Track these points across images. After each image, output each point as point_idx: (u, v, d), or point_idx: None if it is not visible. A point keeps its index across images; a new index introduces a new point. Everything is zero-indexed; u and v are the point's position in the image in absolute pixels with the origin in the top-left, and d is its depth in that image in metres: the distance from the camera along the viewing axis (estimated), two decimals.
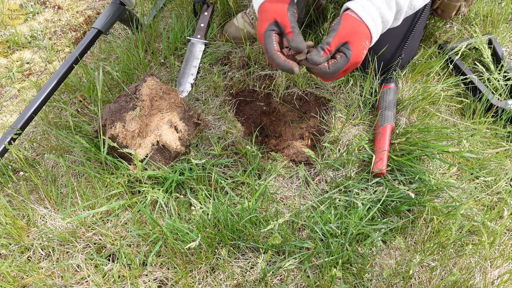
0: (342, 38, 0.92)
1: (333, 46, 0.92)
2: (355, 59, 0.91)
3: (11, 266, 1.00)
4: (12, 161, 1.26)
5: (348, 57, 0.91)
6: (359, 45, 0.91)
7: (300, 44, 0.92)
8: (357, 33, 0.92)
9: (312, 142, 1.30)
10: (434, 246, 1.02)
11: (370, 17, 0.93)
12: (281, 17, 0.94)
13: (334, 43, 0.91)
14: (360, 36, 0.92)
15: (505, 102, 1.29)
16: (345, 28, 0.92)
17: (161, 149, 1.15)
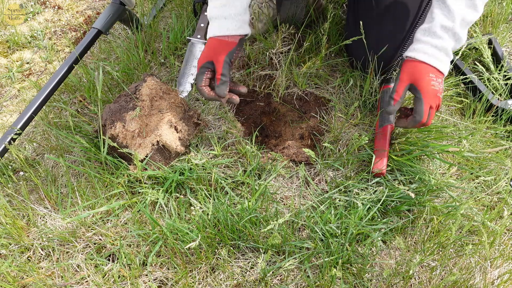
0: (405, 82, 1.01)
1: (400, 91, 1.02)
2: (427, 94, 0.99)
3: (11, 266, 1.00)
4: (12, 161, 1.26)
5: (420, 97, 0.99)
6: (425, 81, 0.99)
7: (222, 92, 1.07)
8: (417, 71, 1.00)
9: (312, 142, 1.30)
10: (434, 246, 1.02)
11: (423, 53, 1.00)
12: (217, 63, 1.06)
13: (400, 88, 1.01)
14: (422, 73, 1.00)
15: (505, 102, 1.29)
16: (405, 72, 1.02)
17: (161, 149, 1.15)
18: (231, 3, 1.06)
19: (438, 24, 0.99)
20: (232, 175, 1.17)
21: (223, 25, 1.07)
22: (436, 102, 1.02)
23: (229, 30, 1.06)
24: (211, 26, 1.09)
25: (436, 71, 1.00)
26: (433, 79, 1.00)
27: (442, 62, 1.00)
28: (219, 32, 1.07)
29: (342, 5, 1.58)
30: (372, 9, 1.27)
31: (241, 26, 1.07)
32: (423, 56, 1.00)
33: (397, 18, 1.26)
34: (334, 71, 1.46)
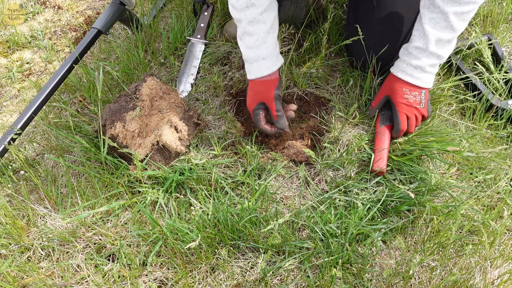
0: (383, 93, 1.19)
1: (377, 99, 1.21)
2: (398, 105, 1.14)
3: (11, 266, 1.00)
4: (12, 161, 1.26)
5: (394, 108, 1.16)
6: (397, 94, 1.14)
7: (283, 125, 1.18)
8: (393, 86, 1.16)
9: (312, 142, 1.30)
10: (434, 246, 1.02)
11: (400, 71, 1.14)
12: (268, 102, 1.15)
13: (378, 97, 1.21)
14: (396, 87, 1.15)
15: (505, 102, 1.29)
16: (384, 85, 1.19)
17: (161, 149, 1.15)
18: (264, 41, 1.09)
19: (413, 45, 1.10)
20: (232, 175, 1.17)
21: (263, 66, 1.11)
22: (413, 112, 1.14)
23: (269, 69, 1.12)
24: (251, 68, 1.13)
25: (410, 85, 1.13)
26: (407, 93, 1.13)
27: (418, 78, 1.12)
28: (261, 74, 1.12)
29: (342, 5, 1.58)
30: (373, 9, 1.27)
31: (277, 59, 1.15)
32: (399, 73, 1.14)
33: (398, 18, 1.26)
34: (334, 71, 1.46)
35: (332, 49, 1.44)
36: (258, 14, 1.05)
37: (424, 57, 1.09)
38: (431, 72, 1.12)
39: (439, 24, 1.05)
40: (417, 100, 1.13)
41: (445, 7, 1.03)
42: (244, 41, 1.10)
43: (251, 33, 1.08)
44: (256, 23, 1.07)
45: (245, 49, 1.11)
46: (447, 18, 1.03)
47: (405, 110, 1.14)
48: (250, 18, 1.06)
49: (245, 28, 1.08)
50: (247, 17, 1.06)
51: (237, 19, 1.09)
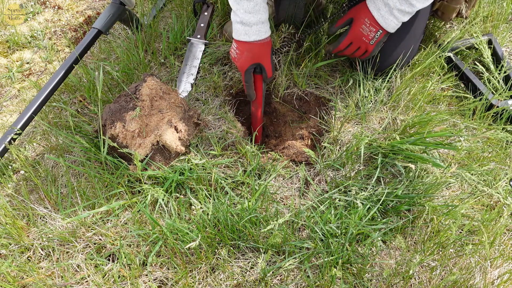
0: (349, 15, 1.23)
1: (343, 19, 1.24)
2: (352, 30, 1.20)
3: (11, 266, 1.00)
4: (12, 161, 1.26)
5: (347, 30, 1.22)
6: (358, 21, 1.19)
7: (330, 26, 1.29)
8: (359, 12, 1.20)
9: (312, 142, 1.30)
10: (434, 246, 1.02)
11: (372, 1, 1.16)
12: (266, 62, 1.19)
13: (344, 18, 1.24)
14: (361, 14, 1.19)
15: (505, 102, 1.29)
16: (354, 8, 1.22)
17: (161, 149, 1.15)
18: (263, 6, 1.13)
19: None
20: (232, 175, 1.17)
21: (262, 29, 1.15)
22: (359, 44, 1.22)
23: (266, 32, 1.17)
24: (249, 31, 1.14)
25: (373, 20, 1.17)
26: (366, 24, 1.18)
27: (382, 16, 1.15)
28: (260, 37, 1.15)
29: (342, 5, 1.58)
30: None
31: (269, 27, 1.20)
32: (370, 3, 1.17)
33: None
34: (334, 71, 1.46)
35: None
36: None
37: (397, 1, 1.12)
38: (397, 18, 1.15)
39: None
40: (370, 35, 1.19)
41: None
42: (243, 5, 1.11)
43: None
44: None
45: (243, 14, 1.12)
46: None
47: (353, 37, 1.21)
48: None
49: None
50: None
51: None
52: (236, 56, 1.20)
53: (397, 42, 1.28)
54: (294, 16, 1.46)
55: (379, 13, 1.15)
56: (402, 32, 1.27)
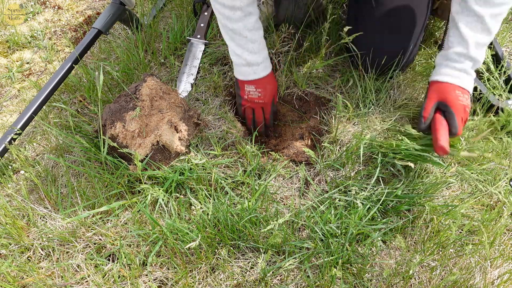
0: (433, 100, 1.10)
1: (428, 108, 1.10)
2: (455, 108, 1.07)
3: (11, 266, 1.00)
4: (12, 161, 1.26)
5: (451, 111, 1.07)
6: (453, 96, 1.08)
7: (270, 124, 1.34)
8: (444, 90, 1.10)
9: (312, 142, 1.30)
10: (434, 246, 1.02)
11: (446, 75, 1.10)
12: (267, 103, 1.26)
13: (428, 106, 1.10)
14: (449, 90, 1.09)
15: (505, 102, 1.29)
16: (432, 92, 1.11)
17: (161, 149, 1.15)
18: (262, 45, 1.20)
19: (453, 51, 1.09)
20: (232, 175, 1.17)
21: (267, 64, 1.23)
22: (465, 116, 1.10)
23: (270, 65, 1.26)
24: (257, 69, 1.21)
25: (460, 88, 1.09)
26: (460, 95, 1.08)
27: (464, 80, 1.09)
28: (267, 72, 1.23)
29: (342, 5, 1.58)
30: (372, 8, 1.27)
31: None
32: (446, 78, 1.10)
33: (397, 17, 1.26)
34: (334, 71, 1.46)
35: (332, 49, 1.44)
36: (255, 22, 1.14)
37: (466, 60, 1.08)
38: (472, 76, 1.11)
39: (476, 27, 1.06)
40: (468, 103, 1.10)
41: (480, 10, 1.04)
42: (247, 48, 1.17)
43: (253, 40, 1.15)
44: (256, 30, 1.15)
45: (248, 55, 1.18)
46: (484, 21, 1.04)
47: (461, 113, 1.08)
48: (250, 27, 1.13)
49: (247, 37, 1.15)
50: (247, 25, 1.12)
51: (234, 30, 1.13)
52: (260, 95, 1.24)
53: (397, 41, 1.28)
54: (293, 16, 1.46)
55: (461, 80, 1.10)
56: (402, 31, 1.27)
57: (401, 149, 1.12)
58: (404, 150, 1.12)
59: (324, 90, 1.39)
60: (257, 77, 1.22)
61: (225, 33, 1.18)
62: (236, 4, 1.08)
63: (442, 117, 1.10)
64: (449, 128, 1.07)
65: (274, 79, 1.27)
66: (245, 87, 1.24)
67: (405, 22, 1.26)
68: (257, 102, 1.26)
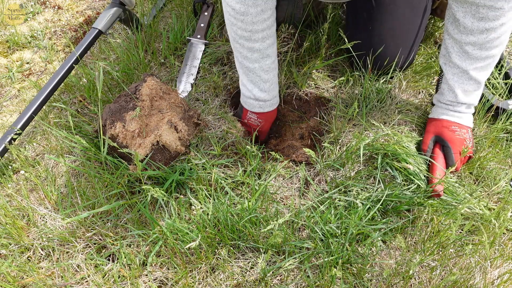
0: (431, 134, 1.15)
1: (426, 141, 1.15)
2: (452, 141, 1.12)
3: (11, 266, 1.00)
4: (12, 161, 1.26)
5: (447, 145, 1.12)
6: (448, 131, 1.13)
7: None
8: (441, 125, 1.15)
9: (312, 142, 1.30)
10: (434, 246, 1.02)
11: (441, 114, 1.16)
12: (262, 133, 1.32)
13: (427, 138, 1.16)
14: (444, 126, 1.14)
15: (505, 102, 1.29)
16: (430, 126, 1.17)
17: (161, 149, 1.15)
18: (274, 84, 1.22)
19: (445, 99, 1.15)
20: (232, 175, 1.17)
21: (274, 102, 1.26)
22: (462, 144, 1.13)
23: (278, 102, 1.29)
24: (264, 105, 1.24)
25: (457, 124, 1.14)
26: (457, 130, 1.13)
27: (460, 118, 1.14)
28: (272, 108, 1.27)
29: (342, 5, 1.58)
30: (372, 8, 1.27)
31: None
32: (443, 116, 1.15)
33: (397, 17, 1.26)
34: (334, 71, 1.46)
35: (332, 49, 1.44)
36: (272, 63, 1.16)
37: (459, 105, 1.14)
38: (469, 113, 1.15)
39: (462, 79, 1.08)
40: (467, 137, 1.13)
41: (463, 65, 1.05)
42: (258, 85, 1.19)
43: (266, 80, 1.18)
44: (271, 71, 1.17)
45: (258, 92, 1.20)
46: (468, 73, 1.06)
47: (459, 147, 1.12)
48: (266, 68, 1.16)
49: (261, 76, 1.17)
50: (263, 67, 1.15)
51: (249, 68, 1.15)
52: (260, 124, 1.28)
53: (398, 41, 1.28)
54: (292, 15, 1.46)
55: (457, 118, 1.14)
56: (403, 31, 1.27)
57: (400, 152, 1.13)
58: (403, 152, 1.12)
59: (324, 90, 1.39)
60: (262, 111, 1.25)
61: (240, 68, 1.19)
62: (255, 47, 1.10)
63: (441, 151, 1.14)
64: (446, 161, 1.12)
65: (276, 110, 1.30)
66: (247, 114, 1.27)
67: (405, 22, 1.26)
68: (255, 127, 1.29)
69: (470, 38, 1.01)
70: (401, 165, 1.10)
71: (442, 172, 1.11)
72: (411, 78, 1.39)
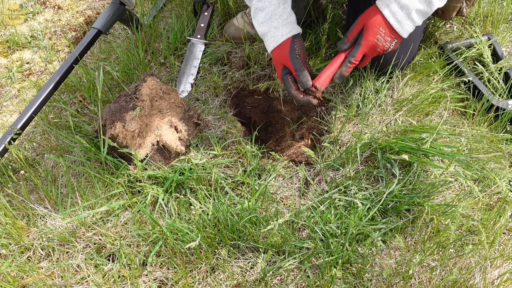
0: (361, 25, 1.05)
1: (355, 31, 1.06)
2: (366, 41, 1.04)
3: (11, 266, 1.00)
4: (12, 161, 1.26)
5: (360, 41, 1.05)
6: (372, 30, 1.03)
7: (306, 83, 1.08)
8: (371, 19, 1.03)
9: (312, 142, 1.30)
10: (434, 246, 1.02)
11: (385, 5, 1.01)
12: (287, 63, 1.09)
13: (356, 29, 1.06)
14: (374, 22, 1.03)
15: (505, 102, 1.29)
16: (364, 15, 1.05)
17: (161, 149, 1.15)
18: (275, 13, 1.10)
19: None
20: (232, 175, 1.17)
21: (277, 34, 1.11)
22: (373, 54, 1.08)
23: (283, 36, 1.11)
24: (267, 41, 1.12)
25: (389, 27, 1.03)
26: (381, 33, 1.04)
27: (399, 22, 1.02)
28: (277, 43, 1.11)
29: (342, 5, 1.58)
30: None
31: (292, 27, 1.11)
32: (383, 7, 1.02)
33: None
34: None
35: (332, 49, 1.44)
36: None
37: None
38: (414, 20, 1.03)
39: None
40: (386, 46, 1.05)
41: None
42: (257, 18, 1.11)
43: (261, 8, 1.10)
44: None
45: (258, 26, 1.12)
46: None
47: (367, 50, 1.05)
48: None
49: (256, 5, 1.10)
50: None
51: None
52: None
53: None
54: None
55: (395, 19, 1.02)
56: None
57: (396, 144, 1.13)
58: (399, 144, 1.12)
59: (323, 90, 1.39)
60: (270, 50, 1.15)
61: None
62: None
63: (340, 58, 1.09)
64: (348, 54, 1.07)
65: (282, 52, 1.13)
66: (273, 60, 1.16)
67: None
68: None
69: None
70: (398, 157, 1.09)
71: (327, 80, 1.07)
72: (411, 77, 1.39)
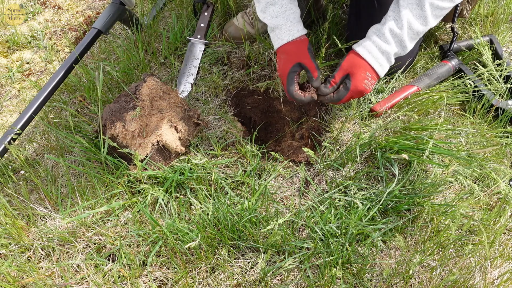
0: (344, 71, 1.08)
1: (337, 78, 1.09)
2: (355, 87, 1.07)
3: (11, 266, 1.00)
4: (12, 161, 1.26)
5: (348, 86, 1.07)
6: (359, 76, 1.06)
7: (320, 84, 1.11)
8: (357, 66, 1.07)
9: (312, 142, 1.30)
10: (434, 246, 1.02)
11: (368, 52, 1.06)
12: (305, 60, 1.10)
13: (338, 76, 1.09)
14: (360, 69, 1.07)
15: (506, 102, 1.29)
16: (347, 62, 1.08)
17: (161, 149, 1.15)
18: (289, 7, 1.11)
19: (388, 26, 1.05)
20: (232, 175, 1.17)
21: (294, 29, 1.11)
22: (358, 96, 1.11)
23: (299, 31, 1.12)
24: (280, 34, 1.12)
25: (373, 72, 1.08)
26: (368, 78, 1.08)
27: (382, 66, 1.08)
28: (292, 37, 1.11)
29: (342, 5, 1.58)
30: (374, 8, 1.27)
31: (303, 27, 1.14)
32: (366, 54, 1.07)
33: None
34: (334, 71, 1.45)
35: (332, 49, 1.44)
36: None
37: (394, 43, 1.05)
38: (391, 63, 1.09)
39: (414, 11, 1.03)
40: (371, 89, 1.10)
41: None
42: (269, 12, 1.11)
43: (273, 2, 1.10)
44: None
45: (271, 19, 1.11)
46: (423, 7, 1.02)
47: (355, 94, 1.09)
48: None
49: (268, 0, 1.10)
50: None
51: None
52: (278, 66, 1.15)
53: None
54: None
55: (378, 64, 1.07)
56: None
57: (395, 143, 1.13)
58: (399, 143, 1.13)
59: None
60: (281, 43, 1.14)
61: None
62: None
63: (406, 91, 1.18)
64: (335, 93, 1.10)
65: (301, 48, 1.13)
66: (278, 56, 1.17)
67: None
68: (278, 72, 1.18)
69: None
70: (398, 156, 1.10)
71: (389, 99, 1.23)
72: (411, 77, 1.39)
